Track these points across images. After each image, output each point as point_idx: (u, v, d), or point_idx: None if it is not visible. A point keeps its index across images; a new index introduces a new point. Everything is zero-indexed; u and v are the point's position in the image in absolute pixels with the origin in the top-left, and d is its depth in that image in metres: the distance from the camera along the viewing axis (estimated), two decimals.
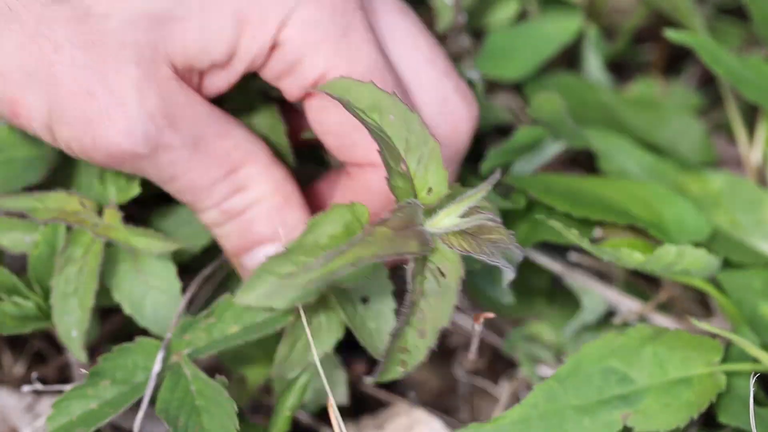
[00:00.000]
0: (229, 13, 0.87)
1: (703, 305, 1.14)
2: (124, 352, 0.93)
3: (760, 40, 1.20)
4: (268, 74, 0.91)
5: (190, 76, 0.90)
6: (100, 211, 0.97)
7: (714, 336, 0.98)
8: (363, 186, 0.94)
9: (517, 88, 1.29)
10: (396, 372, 0.89)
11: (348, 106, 0.86)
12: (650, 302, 1.10)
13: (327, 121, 0.92)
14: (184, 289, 0.99)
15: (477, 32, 1.28)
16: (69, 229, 0.97)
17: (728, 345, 1.00)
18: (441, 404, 1.13)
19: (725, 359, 0.97)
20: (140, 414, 0.93)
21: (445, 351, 1.16)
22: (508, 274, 1.02)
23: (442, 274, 0.87)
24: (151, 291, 0.98)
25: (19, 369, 1.11)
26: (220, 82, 0.91)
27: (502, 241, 0.85)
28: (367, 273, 0.92)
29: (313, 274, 0.81)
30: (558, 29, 1.26)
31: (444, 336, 1.16)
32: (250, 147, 0.93)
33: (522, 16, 1.29)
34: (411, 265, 0.86)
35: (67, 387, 0.96)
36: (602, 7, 1.30)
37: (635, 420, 0.92)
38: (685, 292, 1.13)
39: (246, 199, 0.94)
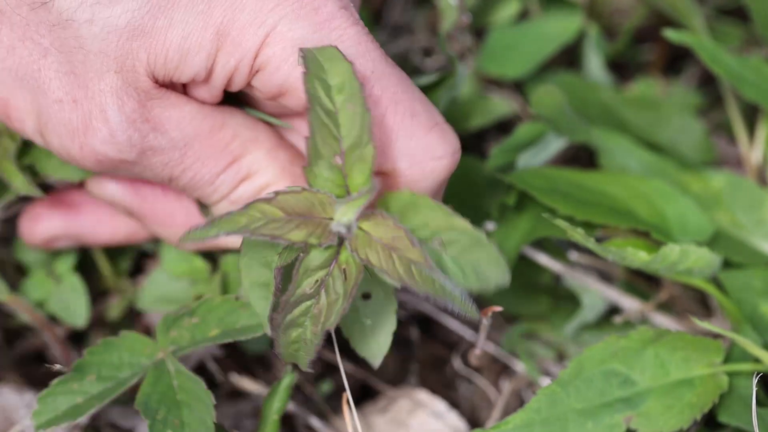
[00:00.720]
0: (210, 27, 0.85)
1: (703, 305, 1.15)
2: (110, 347, 0.93)
3: (760, 40, 1.21)
4: (255, 93, 0.89)
5: (174, 87, 0.89)
6: None
7: (715, 336, 0.98)
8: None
9: (518, 87, 1.29)
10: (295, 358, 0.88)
11: (313, 72, 0.82)
12: (650, 302, 1.11)
13: None
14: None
15: (479, 31, 1.29)
16: None
17: (729, 345, 1.00)
18: (443, 400, 1.14)
19: (726, 359, 0.98)
20: None
21: (445, 349, 1.17)
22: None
23: (345, 277, 0.84)
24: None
25: (15, 365, 1.12)
26: (203, 96, 0.90)
27: (420, 264, 0.80)
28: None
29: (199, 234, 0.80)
30: (559, 28, 1.26)
31: (444, 334, 1.17)
32: (250, 134, 0.92)
33: (523, 16, 1.29)
34: (320, 255, 0.84)
35: None
36: (603, 7, 1.30)
37: (638, 422, 0.93)
38: (685, 292, 1.13)
39: (253, 187, 0.93)
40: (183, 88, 0.90)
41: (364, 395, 1.13)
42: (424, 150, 0.87)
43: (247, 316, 0.93)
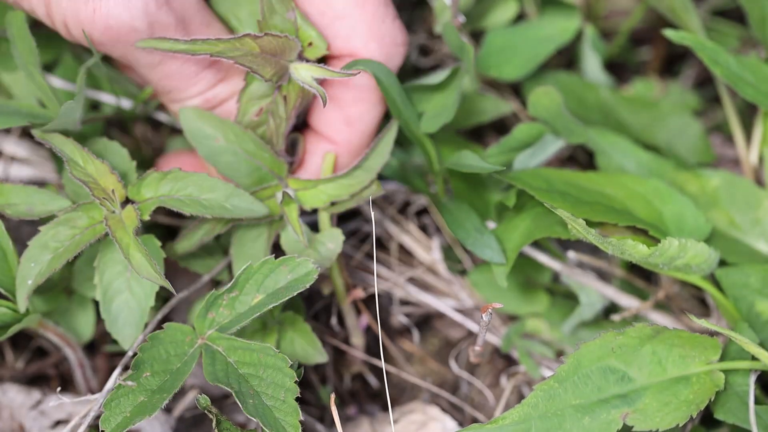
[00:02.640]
0: None
1: (700, 304, 1.15)
2: (156, 342, 0.94)
3: (757, 41, 1.21)
4: None
5: None
6: (125, 202, 0.98)
7: (712, 334, 0.98)
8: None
9: (516, 88, 1.29)
10: None
11: None
12: (648, 300, 1.11)
13: (327, 4, 0.97)
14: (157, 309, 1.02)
15: (476, 34, 1.29)
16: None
17: (726, 343, 1.00)
18: (444, 398, 1.14)
19: (723, 357, 0.98)
20: None
21: (446, 348, 1.17)
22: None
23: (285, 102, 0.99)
24: (126, 293, 0.99)
25: (20, 365, 1.12)
26: None
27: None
28: None
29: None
30: (556, 30, 1.26)
31: (444, 332, 1.17)
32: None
33: (520, 18, 1.30)
34: (262, 86, 0.98)
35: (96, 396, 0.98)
36: (600, 9, 1.31)
37: (634, 419, 0.93)
38: (683, 291, 1.14)
39: (229, 88, 0.99)
40: None
41: (379, 404, 1.14)
42: (390, 36, 0.99)
43: (288, 270, 0.94)
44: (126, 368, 0.99)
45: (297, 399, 0.92)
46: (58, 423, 1.05)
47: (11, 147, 1.17)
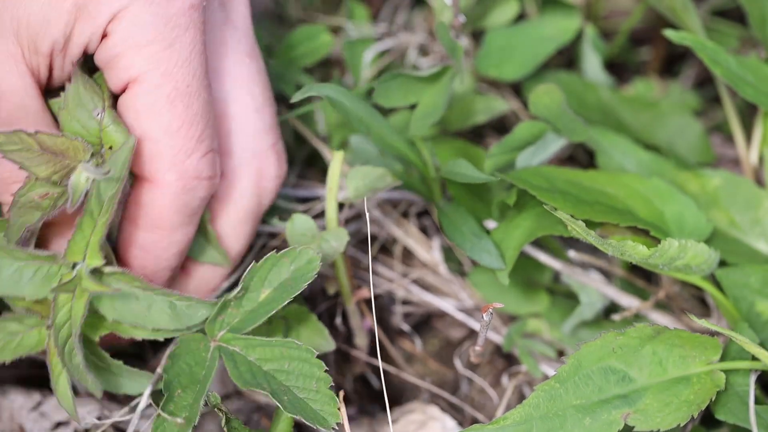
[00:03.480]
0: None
1: (700, 304, 1.15)
2: (176, 359, 0.94)
3: (757, 41, 1.21)
4: (97, 61, 0.94)
5: (38, 63, 0.92)
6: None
7: (713, 334, 0.98)
8: (138, 199, 0.97)
9: (516, 88, 1.29)
10: None
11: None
12: (649, 300, 1.11)
13: (139, 123, 0.94)
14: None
15: (476, 34, 1.29)
16: None
17: (726, 343, 1.00)
18: (444, 398, 1.14)
19: (723, 357, 0.98)
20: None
21: (446, 348, 1.17)
22: None
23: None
24: None
25: (23, 366, 1.12)
26: (66, 68, 0.93)
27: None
28: None
29: None
30: (557, 30, 1.26)
31: (445, 332, 1.17)
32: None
33: (520, 18, 1.30)
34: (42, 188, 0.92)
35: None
36: (600, 9, 1.31)
37: (635, 419, 0.93)
38: (683, 291, 1.14)
39: None
40: (45, 65, 0.93)
41: (380, 405, 1.14)
42: (193, 170, 0.95)
43: (290, 261, 0.94)
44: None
45: (330, 387, 0.92)
46: (58, 425, 1.05)
47: None
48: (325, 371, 0.92)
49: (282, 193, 1.15)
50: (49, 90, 0.95)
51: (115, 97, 0.95)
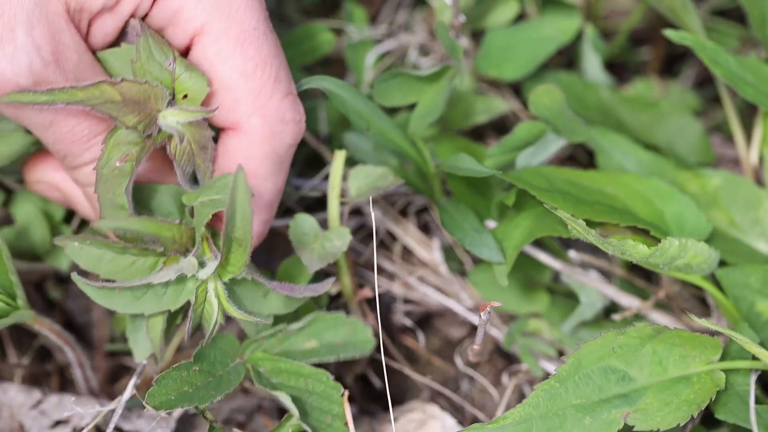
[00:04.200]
0: None
1: (700, 303, 1.15)
2: (214, 343, 0.97)
3: (757, 41, 1.21)
4: (153, 22, 0.93)
5: (80, 20, 0.91)
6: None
7: (713, 334, 0.98)
8: (226, 151, 0.96)
9: (516, 88, 1.29)
10: None
11: None
12: (649, 299, 1.11)
13: (213, 73, 0.93)
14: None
15: (476, 34, 1.29)
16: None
17: (726, 343, 1.00)
18: (445, 398, 1.14)
19: (723, 357, 0.98)
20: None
21: (446, 347, 1.17)
22: None
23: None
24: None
25: (24, 365, 1.12)
26: (107, 28, 0.92)
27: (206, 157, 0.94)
28: None
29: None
30: (557, 30, 1.26)
31: (445, 331, 1.17)
32: None
33: (520, 18, 1.30)
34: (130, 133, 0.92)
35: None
36: (600, 10, 1.31)
37: (635, 418, 0.93)
38: (683, 290, 1.14)
39: None
40: (88, 25, 0.92)
41: (381, 405, 1.14)
42: (276, 112, 0.94)
43: (348, 332, 0.99)
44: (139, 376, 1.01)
45: (345, 425, 0.96)
46: (58, 423, 1.05)
47: None
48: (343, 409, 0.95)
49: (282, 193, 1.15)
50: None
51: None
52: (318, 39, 1.18)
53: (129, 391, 0.99)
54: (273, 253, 1.15)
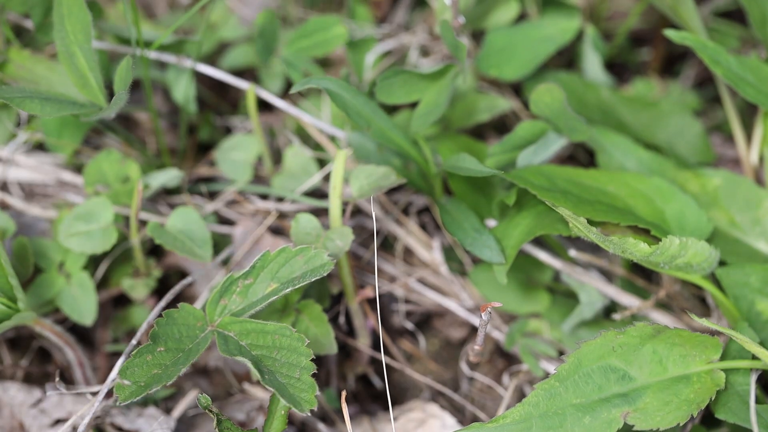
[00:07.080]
0: None
1: (701, 303, 1.15)
2: (170, 320, 0.95)
3: (757, 41, 1.21)
4: None
5: None
6: None
7: (713, 333, 0.98)
8: None
9: (516, 88, 1.29)
10: None
11: None
12: (649, 299, 1.11)
13: None
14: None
15: (476, 34, 1.29)
16: None
17: (727, 342, 1.00)
18: (445, 397, 1.14)
19: (723, 356, 0.98)
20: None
21: (446, 347, 1.17)
22: None
23: None
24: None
25: (23, 365, 1.12)
26: None
27: None
28: None
29: None
30: (557, 30, 1.26)
31: (445, 332, 1.17)
32: None
33: (521, 18, 1.30)
34: None
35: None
36: (603, 11, 1.31)
37: (635, 418, 0.93)
38: (684, 290, 1.14)
39: None
40: None
41: (380, 405, 1.14)
42: None
43: (304, 261, 0.95)
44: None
45: (313, 375, 0.93)
46: (57, 421, 1.05)
47: (7, 151, 1.17)
48: (311, 360, 0.93)
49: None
50: None
51: None
52: (330, 32, 1.17)
53: (110, 382, 0.99)
54: None
